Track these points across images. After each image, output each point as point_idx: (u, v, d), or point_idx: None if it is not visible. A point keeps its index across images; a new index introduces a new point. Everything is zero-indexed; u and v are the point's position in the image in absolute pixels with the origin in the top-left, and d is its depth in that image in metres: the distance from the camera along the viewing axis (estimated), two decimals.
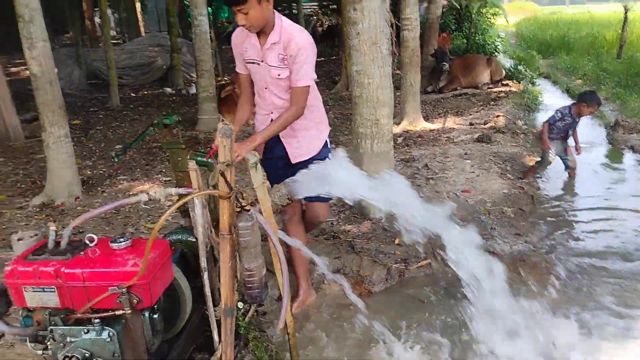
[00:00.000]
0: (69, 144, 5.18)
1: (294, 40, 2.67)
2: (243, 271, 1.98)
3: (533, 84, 10.96)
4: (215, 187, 2.13)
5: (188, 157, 2.61)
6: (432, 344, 2.95)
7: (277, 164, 2.97)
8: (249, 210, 1.87)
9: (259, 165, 2.16)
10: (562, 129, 5.28)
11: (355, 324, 3.06)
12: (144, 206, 4.87)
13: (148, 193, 2.17)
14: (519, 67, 11.58)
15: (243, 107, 3.01)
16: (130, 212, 4.82)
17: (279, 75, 2.76)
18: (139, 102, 10.97)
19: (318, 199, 2.89)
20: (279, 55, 2.71)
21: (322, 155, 2.93)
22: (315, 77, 2.88)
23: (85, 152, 7.13)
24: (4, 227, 4.58)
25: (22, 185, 5.77)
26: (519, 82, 10.75)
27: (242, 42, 2.85)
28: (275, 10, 2.76)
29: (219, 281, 2.22)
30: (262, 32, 2.73)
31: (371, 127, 4.38)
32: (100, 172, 6.23)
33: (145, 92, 12.36)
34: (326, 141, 3.00)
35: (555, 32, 17.66)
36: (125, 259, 1.94)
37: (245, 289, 2.03)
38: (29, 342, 2.09)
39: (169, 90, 11.92)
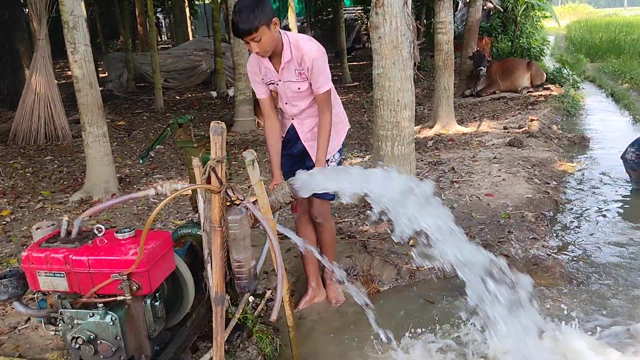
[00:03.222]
0: (106, 143, 5.45)
1: (306, 54, 2.76)
2: (233, 262, 2.09)
3: (576, 88, 10.70)
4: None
5: (200, 155, 2.76)
6: (437, 344, 2.98)
7: (293, 160, 3.09)
8: (238, 205, 1.98)
9: (256, 163, 2.27)
10: None
11: (360, 323, 3.12)
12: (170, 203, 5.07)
13: (156, 187, 2.33)
14: (563, 71, 11.31)
15: (273, 136, 3.01)
16: (161, 209, 5.03)
17: (299, 88, 2.88)
18: (182, 105, 11.35)
19: (316, 195, 2.94)
20: (296, 71, 2.82)
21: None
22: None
23: (126, 152, 7.48)
24: (44, 220, 4.87)
25: (65, 182, 6.10)
26: (561, 86, 10.51)
27: (258, 68, 2.91)
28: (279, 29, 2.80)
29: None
30: (273, 54, 2.80)
31: (392, 130, 4.44)
32: (138, 170, 6.51)
33: (189, 95, 12.76)
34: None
35: (606, 35, 17.13)
36: (127, 249, 2.10)
37: (234, 279, 2.14)
38: (44, 323, 2.29)
39: (214, 93, 12.25)
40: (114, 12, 18.54)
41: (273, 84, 2.93)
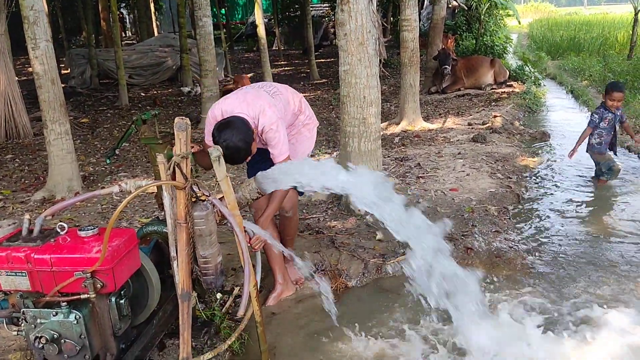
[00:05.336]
0: (69, 141, 5.35)
1: (262, 128, 2.82)
2: (199, 258, 2.09)
3: (538, 85, 10.96)
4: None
5: (165, 152, 2.74)
6: (402, 336, 3.03)
7: (255, 157, 3.09)
8: (204, 201, 1.98)
9: (222, 159, 2.27)
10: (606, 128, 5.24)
11: (329, 318, 3.14)
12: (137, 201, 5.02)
13: (120, 185, 2.30)
14: (525, 68, 11.56)
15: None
16: (126, 207, 4.97)
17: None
18: (147, 102, 11.18)
19: None
20: (261, 142, 2.92)
21: None
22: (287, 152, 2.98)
23: (89, 150, 7.34)
24: (4, 220, 4.75)
25: (26, 181, 5.96)
26: (523, 83, 10.76)
27: None
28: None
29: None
30: None
31: (358, 126, 4.47)
32: (102, 168, 6.40)
33: (155, 92, 12.58)
34: None
35: (566, 34, 17.56)
36: (90, 246, 2.07)
37: (201, 275, 2.13)
38: (5, 323, 2.24)
39: (186, 89, 12.09)
40: (76, 7, 18.12)
41: None
